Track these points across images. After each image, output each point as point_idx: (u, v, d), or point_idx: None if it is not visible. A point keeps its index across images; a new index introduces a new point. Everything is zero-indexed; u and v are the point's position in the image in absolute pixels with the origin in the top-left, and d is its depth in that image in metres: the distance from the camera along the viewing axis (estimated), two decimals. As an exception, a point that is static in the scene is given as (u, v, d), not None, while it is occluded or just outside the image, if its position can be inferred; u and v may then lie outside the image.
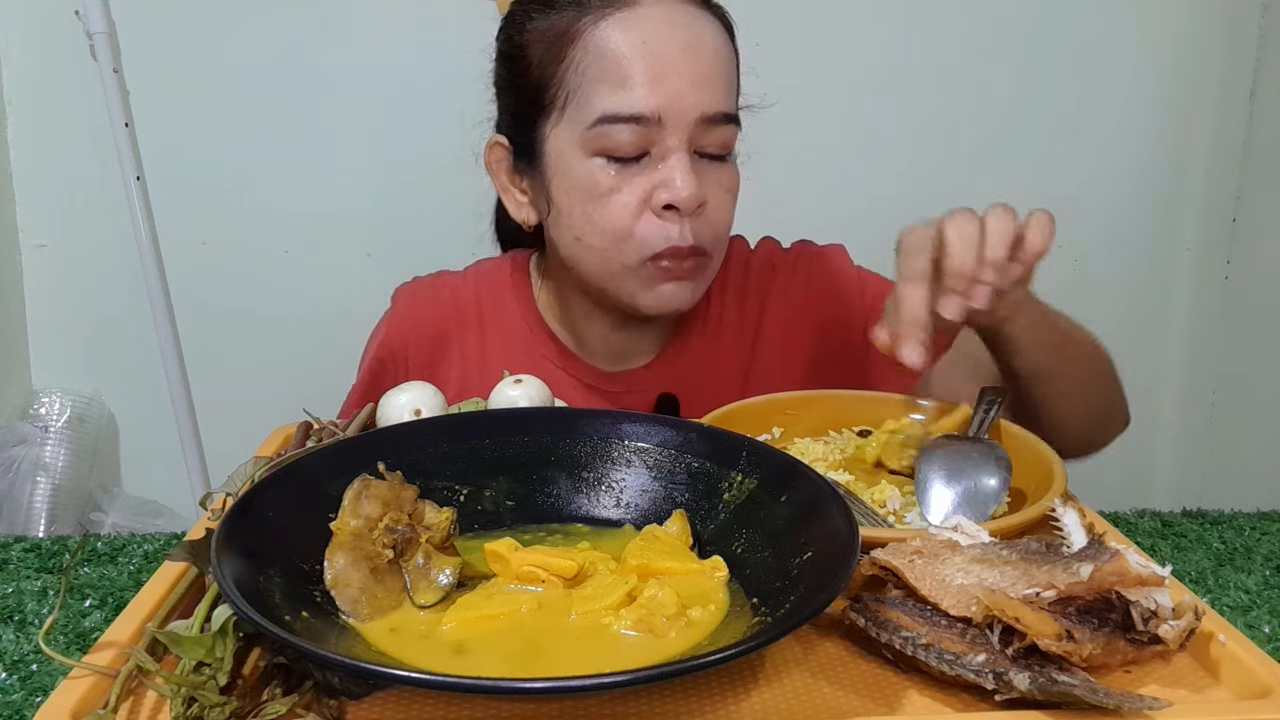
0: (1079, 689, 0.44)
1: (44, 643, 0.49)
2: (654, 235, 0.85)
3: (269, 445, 0.76)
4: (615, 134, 0.84)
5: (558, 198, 0.88)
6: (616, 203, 0.85)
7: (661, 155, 0.85)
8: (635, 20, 0.84)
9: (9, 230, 1.72)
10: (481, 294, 1.02)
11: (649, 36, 0.83)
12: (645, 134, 0.84)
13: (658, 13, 0.84)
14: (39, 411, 1.73)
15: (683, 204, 0.84)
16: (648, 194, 0.85)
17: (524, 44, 0.89)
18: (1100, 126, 1.84)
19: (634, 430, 0.63)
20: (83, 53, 1.63)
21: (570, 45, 0.85)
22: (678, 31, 0.84)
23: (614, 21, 0.84)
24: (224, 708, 0.44)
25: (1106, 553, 0.51)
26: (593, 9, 0.85)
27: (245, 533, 0.50)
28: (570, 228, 0.88)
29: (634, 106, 0.83)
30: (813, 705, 0.46)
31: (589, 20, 0.85)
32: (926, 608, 0.50)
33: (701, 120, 0.85)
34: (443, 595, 0.52)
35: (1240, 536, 0.91)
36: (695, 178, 0.84)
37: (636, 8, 0.84)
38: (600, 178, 0.85)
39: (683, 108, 0.84)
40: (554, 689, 0.42)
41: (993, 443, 0.70)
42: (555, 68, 0.86)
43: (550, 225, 0.92)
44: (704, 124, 0.85)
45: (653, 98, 0.83)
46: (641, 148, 0.84)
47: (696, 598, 0.52)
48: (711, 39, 0.86)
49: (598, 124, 0.84)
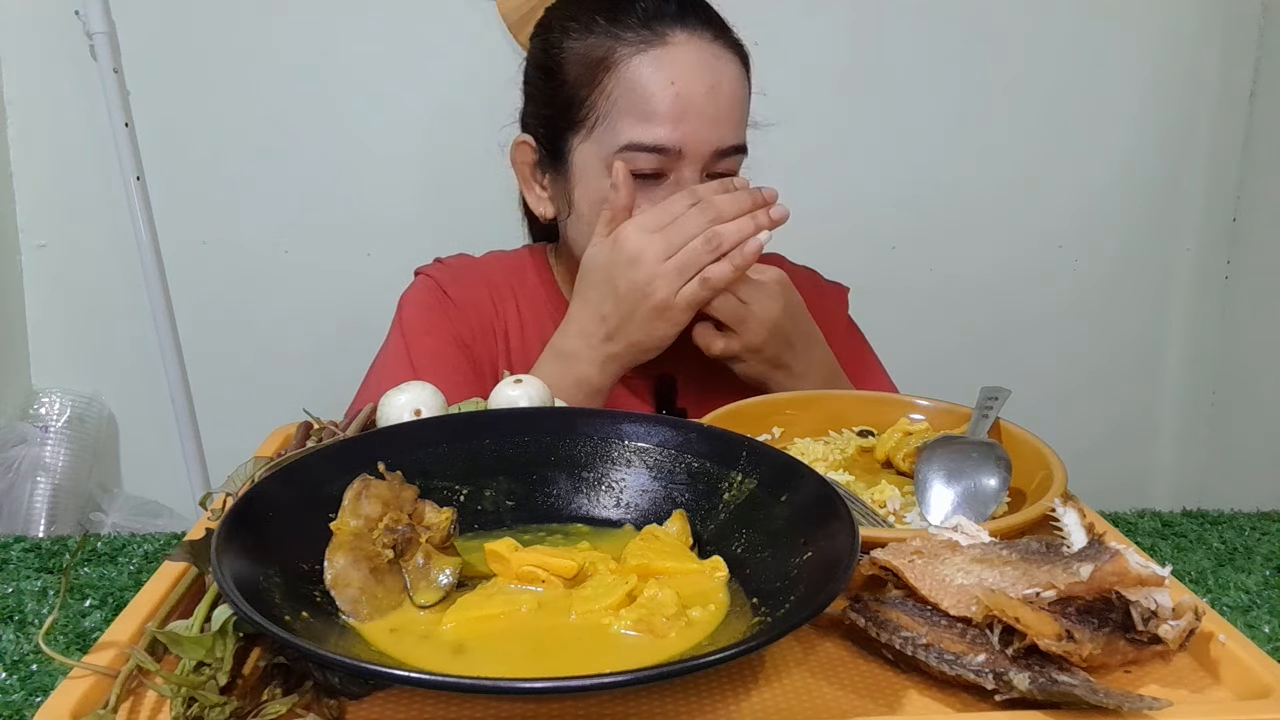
0: (1079, 689, 0.44)
1: (44, 643, 0.49)
2: None
3: (269, 445, 0.76)
4: (637, 160, 0.92)
5: (579, 204, 0.97)
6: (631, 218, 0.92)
7: (676, 180, 0.93)
8: (666, 60, 0.92)
9: (9, 230, 1.71)
10: (508, 272, 1.08)
11: (677, 77, 0.92)
12: (664, 162, 0.93)
13: (688, 54, 0.93)
14: (39, 411, 1.73)
15: None
16: None
17: (561, 61, 0.96)
18: (1100, 126, 1.84)
19: (634, 430, 0.63)
20: (83, 53, 1.62)
21: (605, 73, 0.93)
22: (704, 75, 0.92)
23: (647, 59, 0.92)
24: (224, 708, 0.44)
25: (1106, 553, 0.51)
26: (629, 42, 0.93)
27: (245, 533, 0.50)
28: (587, 233, 0.95)
29: (657, 139, 0.92)
30: (813, 705, 0.46)
31: (625, 53, 0.93)
32: (926, 608, 0.50)
33: (716, 153, 0.94)
34: (443, 595, 0.52)
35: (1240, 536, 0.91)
36: None
37: (669, 46, 0.92)
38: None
39: (700, 142, 0.92)
40: (554, 689, 0.42)
41: (992, 442, 0.70)
42: (589, 90, 0.94)
43: (570, 225, 1.00)
44: (718, 155, 0.94)
45: (675, 133, 0.91)
46: (660, 171, 0.93)
47: (696, 598, 0.52)
48: (731, 80, 0.95)
49: (623, 150, 0.92)
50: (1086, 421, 1.86)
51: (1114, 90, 1.83)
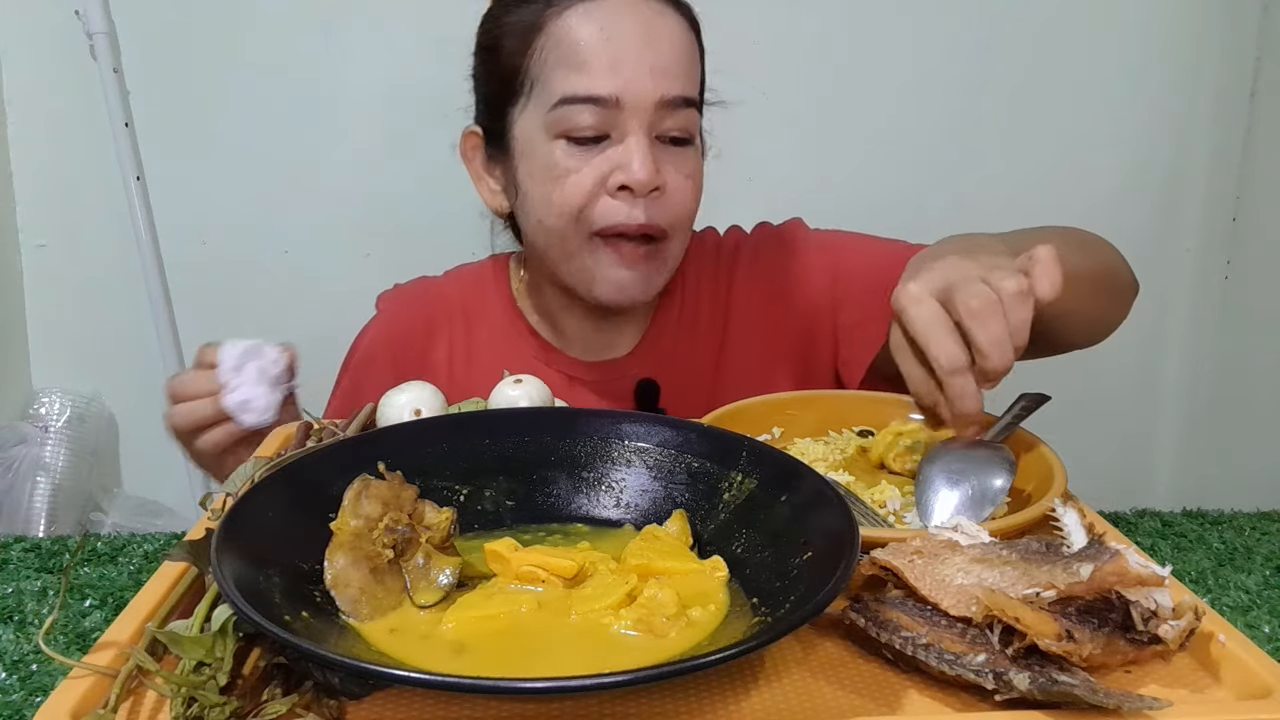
0: (1079, 689, 0.44)
1: (44, 643, 0.49)
2: (605, 214, 0.88)
3: (269, 445, 0.76)
4: (575, 115, 0.86)
5: (523, 181, 0.91)
6: (573, 183, 0.87)
7: (620, 138, 0.87)
8: (596, 11, 0.87)
9: (9, 230, 1.72)
10: (465, 293, 1.04)
11: (608, 25, 0.86)
12: (605, 116, 0.86)
13: (618, 5, 0.87)
14: (39, 411, 1.73)
15: (637, 185, 0.86)
16: (604, 175, 0.88)
17: (498, 36, 0.92)
18: (1100, 126, 1.84)
19: (634, 430, 0.63)
20: (83, 53, 1.62)
21: (537, 34, 0.88)
22: (637, 23, 0.87)
23: (576, 12, 0.87)
24: (224, 708, 0.44)
25: (1106, 553, 0.51)
26: (559, 1, 0.88)
27: (245, 533, 0.50)
28: (533, 210, 0.91)
29: (591, 88, 0.85)
30: (813, 705, 0.46)
31: (554, 11, 0.88)
32: (926, 608, 0.50)
33: (661, 104, 0.87)
34: (443, 595, 0.52)
35: (1240, 536, 0.90)
36: (652, 160, 0.87)
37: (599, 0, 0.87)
38: (561, 159, 0.87)
39: (640, 91, 0.86)
40: (554, 689, 0.42)
41: (999, 445, 0.69)
42: (522, 57, 0.89)
43: (518, 211, 0.94)
44: (663, 108, 0.87)
45: (610, 81, 0.85)
46: (602, 130, 0.87)
47: (696, 598, 0.52)
48: (671, 30, 0.89)
49: (558, 105, 0.86)
50: (1087, 421, 1.86)
51: (1114, 90, 1.83)
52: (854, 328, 0.98)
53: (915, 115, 1.80)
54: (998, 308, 0.65)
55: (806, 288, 1.01)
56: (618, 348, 1.01)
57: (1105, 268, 0.93)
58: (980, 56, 1.80)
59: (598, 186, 0.88)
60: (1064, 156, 1.84)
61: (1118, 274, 0.95)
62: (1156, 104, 1.85)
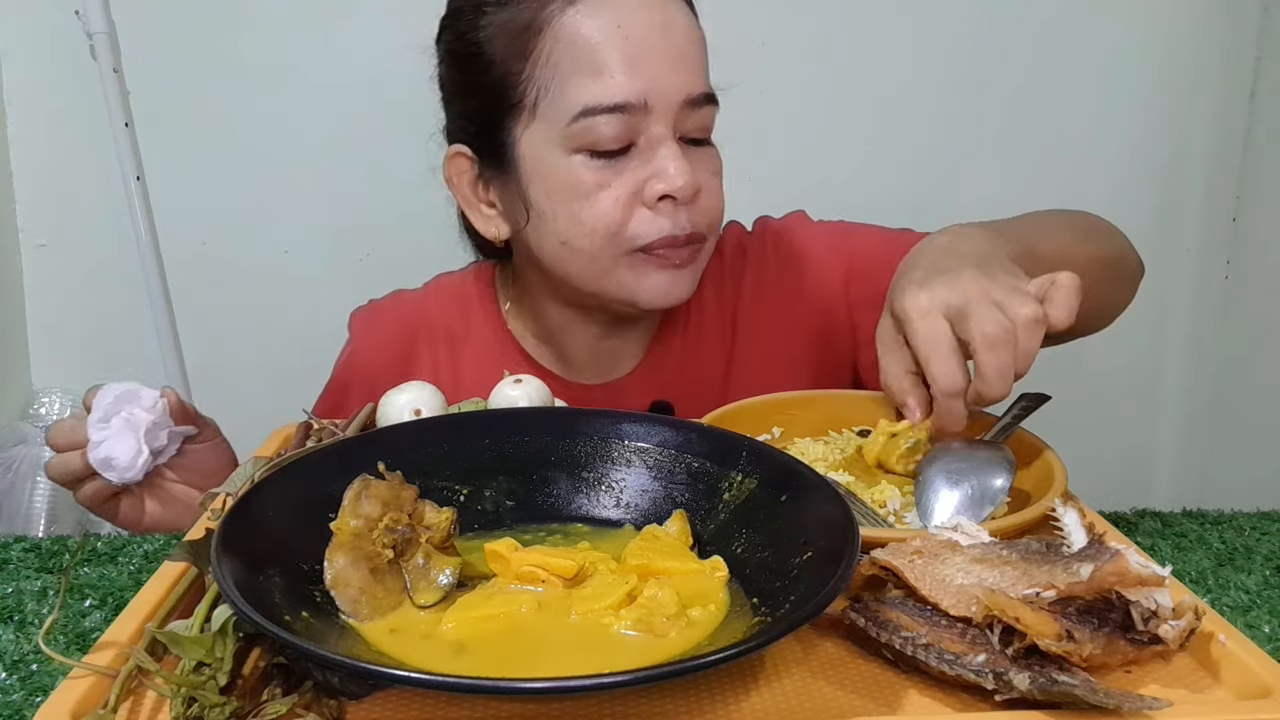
0: (1079, 689, 0.44)
1: (44, 643, 0.49)
2: (648, 228, 0.83)
3: (269, 445, 0.76)
4: (599, 127, 0.80)
5: (538, 202, 0.84)
6: (606, 199, 0.82)
7: (649, 145, 0.81)
8: (604, 4, 0.80)
9: (9, 230, 1.71)
10: (448, 310, 0.99)
11: (622, 19, 0.79)
12: (630, 123, 0.80)
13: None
14: (39, 411, 1.73)
15: (680, 193, 0.81)
16: (639, 186, 0.82)
17: (480, 40, 0.84)
18: (1100, 126, 1.84)
19: (634, 430, 0.63)
20: (83, 53, 1.62)
21: (537, 37, 0.80)
22: (650, 12, 0.81)
23: (582, 7, 0.80)
24: (224, 708, 0.44)
25: (1106, 553, 0.51)
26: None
27: (245, 533, 0.50)
28: (555, 233, 0.84)
29: (616, 95, 0.79)
30: (813, 705, 0.46)
31: (555, 8, 0.80)
32: (926, 608, 0.50)
33: (686, 103, 0.81)
34: (443, 595, 0.52)
35: (1240, 536, 0.90)
36: (688, 165, 0.82)
37: None
38: (585, 175, 0.81)
39: (666, 91, 0.80)
40: (554, 689, 0.42)
41: (999, 445, 0.69)
42: (521, 63, 0.81)
43: (530, 233, 0.87)
44: (687, 106, 0.82)
45: (635, 83, 0.79)
46: (627, 139, 0.81)
47: (696, 598, 0.52)
48: (682, 17, 0.83)
49: (579, 118, 0.80)
50: (1087, 421, 1.86)
51: (1114, 90, 1.83)
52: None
53: (915, 115, 1.80)
54: (1010, 337, 0.64)
55: (820, 290, 0.98)
56: (622, 364, 0.97)
57: (1113, 254, 0.92)
58: (980, 56, 1.79)
59: (632, 199, 0.82)
60: (1064, 156, 1.84)
61: (1125, 259, 0.94)
62: (1156, 104, 1.85)
